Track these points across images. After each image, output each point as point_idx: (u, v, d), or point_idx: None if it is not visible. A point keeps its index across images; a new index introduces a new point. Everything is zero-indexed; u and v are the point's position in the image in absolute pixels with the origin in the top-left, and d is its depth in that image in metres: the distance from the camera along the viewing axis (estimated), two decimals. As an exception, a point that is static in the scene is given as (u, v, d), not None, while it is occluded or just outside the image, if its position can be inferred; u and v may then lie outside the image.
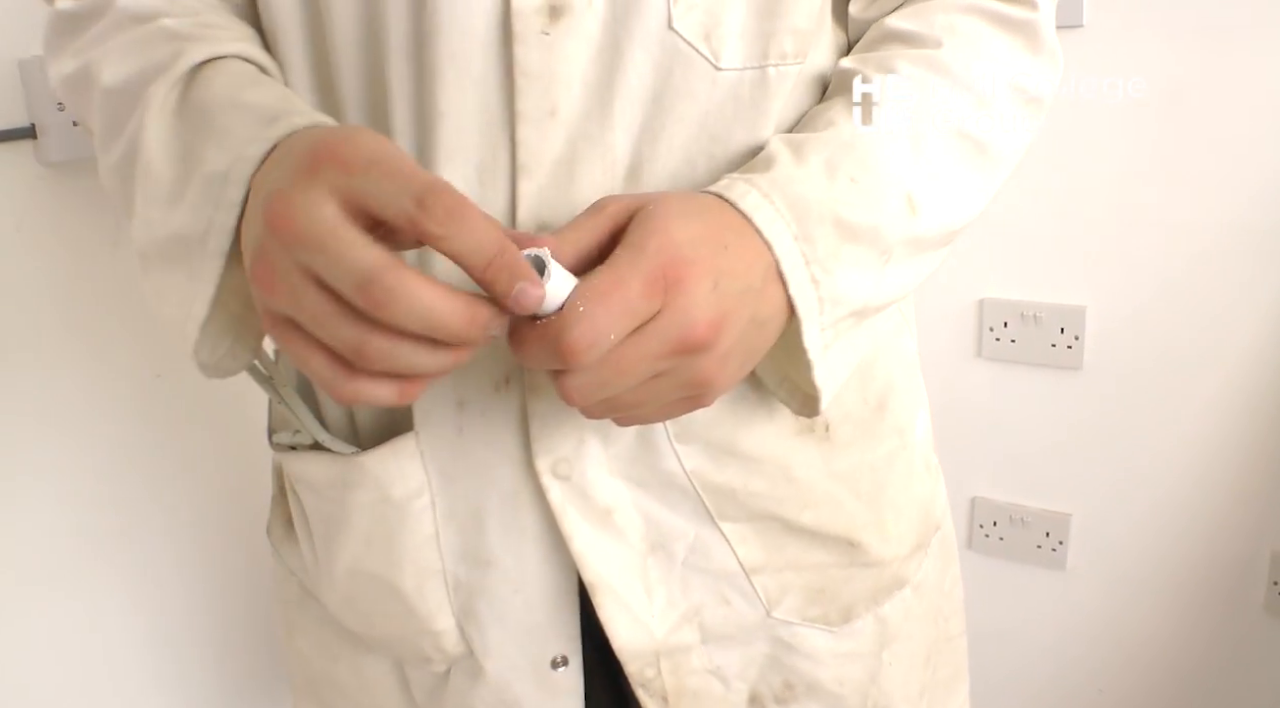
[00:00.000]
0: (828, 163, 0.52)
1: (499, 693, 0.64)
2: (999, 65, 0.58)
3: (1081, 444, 1.31)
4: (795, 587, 0.64)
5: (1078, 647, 1.40)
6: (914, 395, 0.69)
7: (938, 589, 0.73)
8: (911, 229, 0.54)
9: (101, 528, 1.02)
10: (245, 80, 0.52)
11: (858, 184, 0.52)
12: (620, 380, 0.46)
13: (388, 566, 0.61)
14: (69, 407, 0.97)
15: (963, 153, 0.56)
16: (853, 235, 0.52)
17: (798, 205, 0.50)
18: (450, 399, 0.58)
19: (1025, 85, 0.59)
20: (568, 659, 0.63)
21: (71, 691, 1.01)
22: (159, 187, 0.51)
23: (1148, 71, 1.16)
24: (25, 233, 0.91)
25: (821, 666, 0.66)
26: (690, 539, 0.61)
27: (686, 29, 0.52)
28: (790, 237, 0.50)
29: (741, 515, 0.61)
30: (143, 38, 0.55)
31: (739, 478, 0.60)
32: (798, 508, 0.62)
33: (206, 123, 0.50)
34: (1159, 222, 1.20)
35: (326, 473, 0.61)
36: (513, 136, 0.53)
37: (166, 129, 0.52)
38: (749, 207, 0.50)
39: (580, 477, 0.58)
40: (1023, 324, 1.29)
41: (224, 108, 0.50)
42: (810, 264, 0.50)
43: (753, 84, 0.54)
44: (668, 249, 0.46)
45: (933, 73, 0.56)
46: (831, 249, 0.51)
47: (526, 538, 0.60)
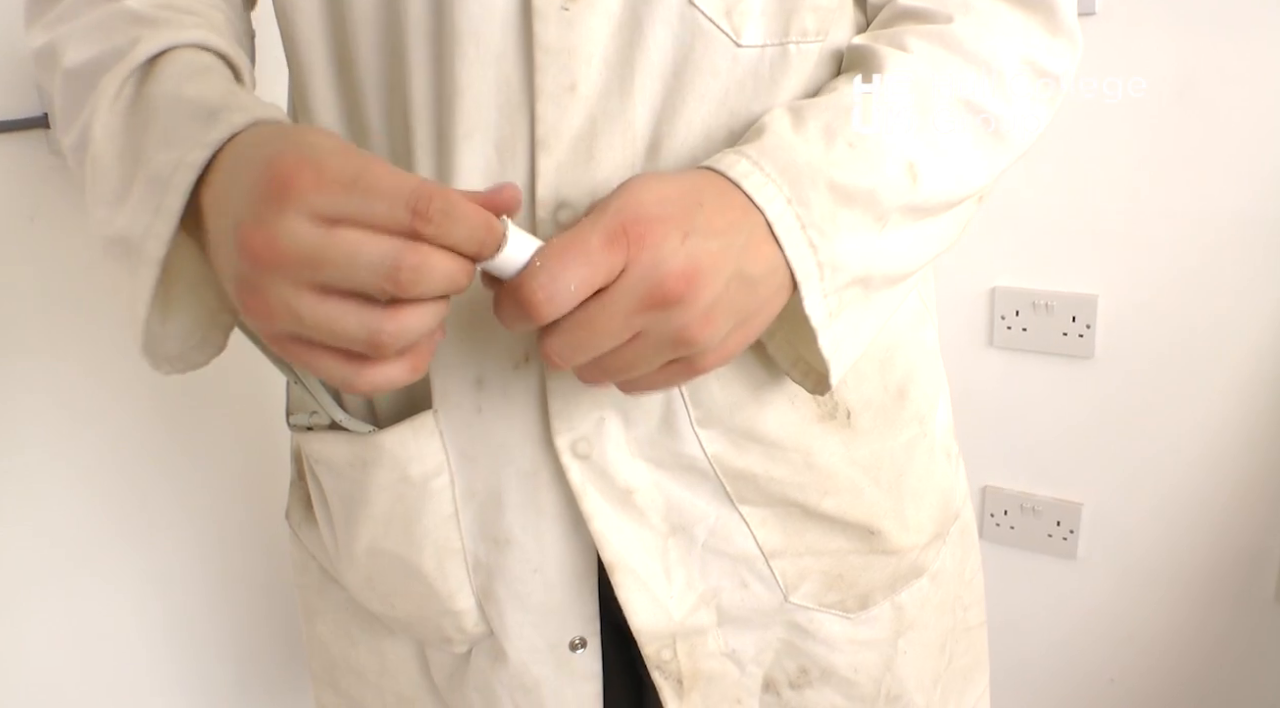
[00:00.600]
0: (826, 128, 0.52)
1: (519, 675, 0.64)
2: (1013, 42, 0.58)
3: (1093, 434, 1.31)
4: (813, 572, 0.64)
5: (1088, 636, 1.40)
6: (935, 385, 0.69)
7: (957, 578, 0.73)
8: (911, 196, 0.54)
9: (117, 516, 1.02)
10: (190, 72, 0.51)
11: (855, 149, 0.52)
12: (597, 340, 0.46)
13: (408, 545, 0.62)
14: (82, 395, 0.97)
15: (970, 126, 0.56)
16: (848, 199, 0.51)
17: (789, 170, 0.50)
18: (469, 378, 0.58)
19: (1040, 62, 0.58)
20: (586, 641, 0.63)
21: (89, 679, 1.02)
22: (106, 184, 0.50)
23: (1160, 60, 1.15)
24: (39, 222, 0.92)
25: (837, 652, 0.66)
26: (710, 522, 0.61)
27: (708, 6, 0.53)
28: (783, 200, 0.49)
29: (762, 500, 0.62)
30: (105, 19, 0.54)
31: (760, 464, 0.60)
32: (818, 495, 0.62)
33: (152, 121, 0.50)
34: (1171, 211, 1.20)
35: (345, 453, 0.61)
36: (532, 112, 0.53)
37: (115, 125, 0.51)
38: (738, 174, 0.49)
39: (600, 456, 0.58)
40: (1034, 313, 1.29)
41: (167, 105, 0.50)
42: (807, 227, 0.49)
43: (773, 61, 0.55)
44: (630, 207, 0.46)
45: (942, 46, 0.56)
46: (828, 213, 0.50)
47: (545, 518, 0.60)
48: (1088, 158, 1.22)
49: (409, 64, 0.54)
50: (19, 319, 0.91)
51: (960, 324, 1.34)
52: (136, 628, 1.06)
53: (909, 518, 0.66)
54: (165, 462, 1.06)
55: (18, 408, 0.93)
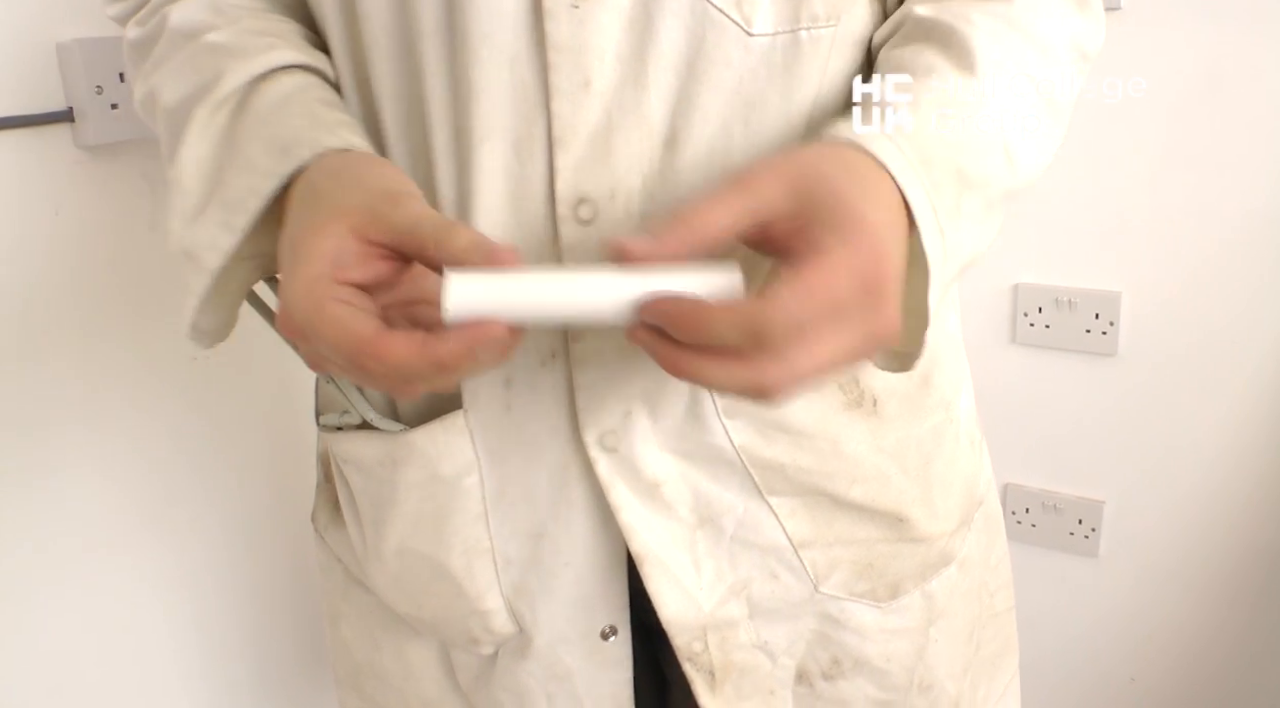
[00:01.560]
0: (939, 109, 0.51)
1: (550, 666, 0.64)
2: (1060, 22, 0.58)
3: (1115, 431, 1.30)
4: (843, 562, 0.64)
5: (1109, 634, 1.39)
6: (958, 372, 0.69)
7: (983, 565, 0.73)
8: (1011, 180, 0.54)
9: (144, 513, 1.03)
10: (275, 102, 0.55)
11: (968, 131, 0.52)
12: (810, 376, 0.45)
13: (436, 545, 0.62)
14: (106, 388, 0.97)
15: (1038, 106, 0.56)
16: (969, 185, 0.51)
17: (924, 152, 0.49)
18: (498, 377, 0.58)
19: (1081, 42, 0.59)
20: (616, 630, 0.64)
21: (111, 675, 1.02)
22: (185, 203, 0.55)
23: (1185, 56, 1.14)
24: (63, 216, 0.92)
25: (869, 641, 0.66)
26: (739, 513, 0.61)
27: None
28: (922, 187, 0.48)
29: (790, 490, 0.62)
30: (192, 56, 0.58)
31: (788, 453, 0.60)
32: (846, 483, 0.62)
33: (236, 151, 0.54)
34: (1195, 208, 1.19)
35: (375, 452, 0.62)
36: (548, 111, 0.53)
37: (203, 152, 0.55)
38: (881, 152, 0.48)
39: (628, 449, 0.58)
40: (1057, 310, 1.28)
41: (249, 136, 0.54)
42: (938, 214, 0.49)
43: (785, 49, 0.54)
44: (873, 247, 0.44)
45: (1009, 27, 0.55)
46: (954, 199, 0.50)
47: (575, 511, 0.60)
48: (1111, 154, 1.21)
49: (424, 70, 0.54)
50: (42, 312, 0.91)
51: (983, 321, 1.33)
52: (161, 623, 1.06)
53: (937, 505, 0.66)
54: (192, 460, 1.06)
55: (46, 401, 0.93)
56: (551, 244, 0.55)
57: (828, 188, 0.45)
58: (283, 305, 0.48)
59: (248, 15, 0.60)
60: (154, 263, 0.98)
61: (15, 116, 0.87)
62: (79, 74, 0.89)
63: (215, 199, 0.53)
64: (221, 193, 0.53)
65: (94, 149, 0.92)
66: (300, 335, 0.47)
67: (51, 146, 0.90)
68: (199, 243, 0.53)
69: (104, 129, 0.91)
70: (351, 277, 0.47)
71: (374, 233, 0.47)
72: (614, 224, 0.54)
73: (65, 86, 0.90)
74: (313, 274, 0.46)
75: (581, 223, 0.54)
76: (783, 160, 0.47)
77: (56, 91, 0.90)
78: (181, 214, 0.54)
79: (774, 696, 0.66)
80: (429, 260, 0.46)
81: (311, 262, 0.47)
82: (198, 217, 0.54)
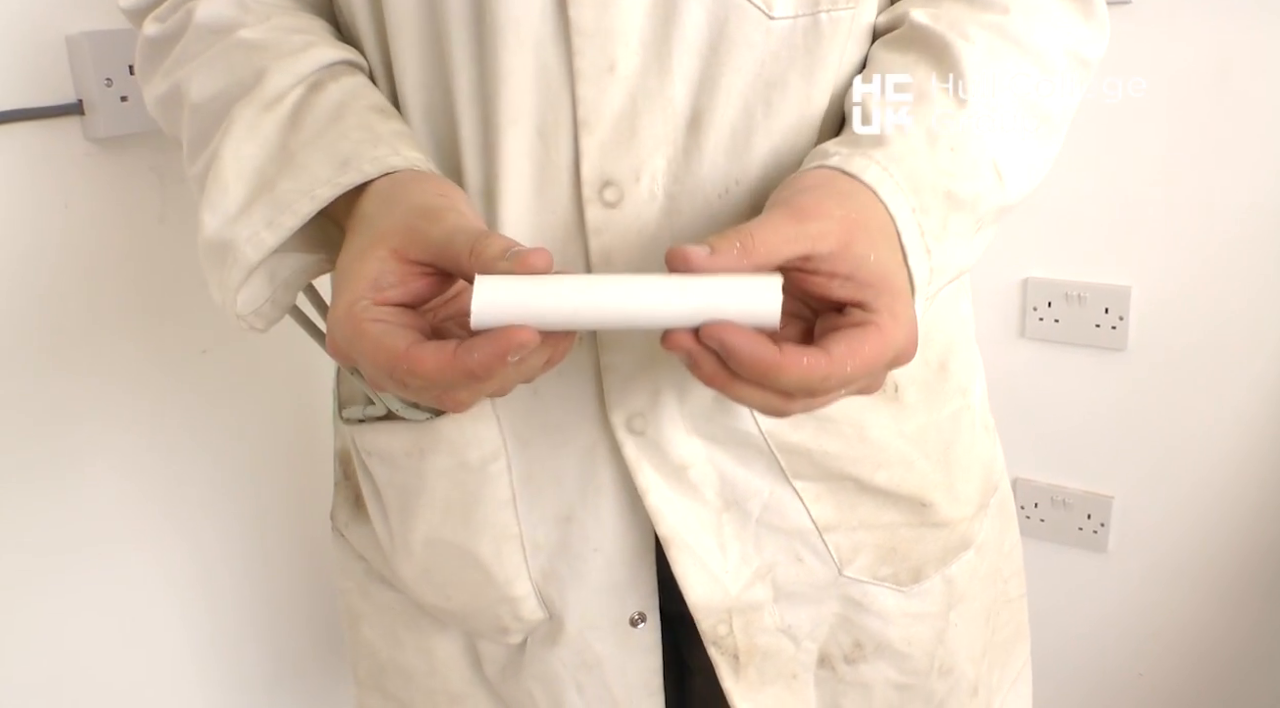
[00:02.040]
0: (928, 133, 0.53)
1: (580, 653, 0.65)
2: (1059, 33, 0.59)
3: (1125, 426, 1.30)
4: (867, 546, 0.65)
5: (1118, 630, 1.39)
6: (972, 358, 0.71)
7: (997, 550, 0.74)
8: (1000, 198, 0.56)
9: (153, 505, 1.02)
10: (329, 112, 0.56)
11: (956, 154, 0.53)
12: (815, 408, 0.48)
13: (466, 533, 0.62)
14: (116, 382, 0.97)
15: (1031, 121, 0.57)
16: (958, 206, 0.53)
17: (913, 177, 0.52)
18: None
19: (1080, 51, 0.60)
20: (645, 616, 0.64)
21: (125, 673, 1.02)
22: (225, 198, 0.55)
23: (1194, 50, 1.14)
24: (73, 209, 0.91)
25: (891, 625, 0.67)
26: (765, 497, 0.62)
27: None
28: (909, 210, 0.51)
29: (816, 475, 0.62)
30: (224, 53, 0.58)
31: (814, 438, 0.61)
32: (871, 468, 0.63)
33: (290, 158, 0.55)
34: (1205, 202, 1.19)
35: (402, 442, 0.62)
36: (573, 94, 0.54)
37: (249, 151, 0.55)
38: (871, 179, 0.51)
39: (655, 432, 0.59)
40: (1067, 304, 1.28)
41: (305, 145, 0.55)
42: (925, 235, 0.51)
43: (805, 31, 0.55)
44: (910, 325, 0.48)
45: (1003, 40, 0.57)
46: (941, 219, 0.52)
47: (604, 495, 0.61)
48: (1121, 149, 1.21)
49: (451, 58, 0.55)
50: (53, 305, 0.91)
51: (992, 315, 1.33)
52: (176, 619, 1.06)
53: (958, 490, 0.67)
54: (205, 455, 1.06)
55: (57, 395, 0.93)
56: (578, 227, 0.56)
57: (877, 252, 0.48)
58: (328, 330, 0.49)
59: (276, 12, 0.61)
60: (163, 256, 0.98)
61: (25, 109, 0.87)
62: (88, 66, 0.89)
63: (262, 199, 0.54)
64: (270, 194, 0.54)
65: (103, 142, 0.92)
66: (344, 357, 0.49)
67: (61, 139, 0.90)
68: (239, 237, 0.54)
69: (114, 122, 0.91)
70: (390, 297, 0.48)
71: (414, 252, 0.48)
72: (639, 206, 0.55)
73: (75, 79, 0.90)
74: (353, 298, 0.47)
75: (607, 205, 0.55)
76: (835, 204, 0.49)
77: (66, 84, 0.90)
78: (221, 210, 0.55)
79: (796, 679, 0.67)
80: (465, 272, 0.46)
81: (353, 286, 0.48)
82: (238, 218, 0.54)
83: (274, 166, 0.55)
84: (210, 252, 0.56)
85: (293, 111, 0.56)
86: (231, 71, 0.57)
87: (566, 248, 0.56)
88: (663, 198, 0.56)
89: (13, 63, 0.86)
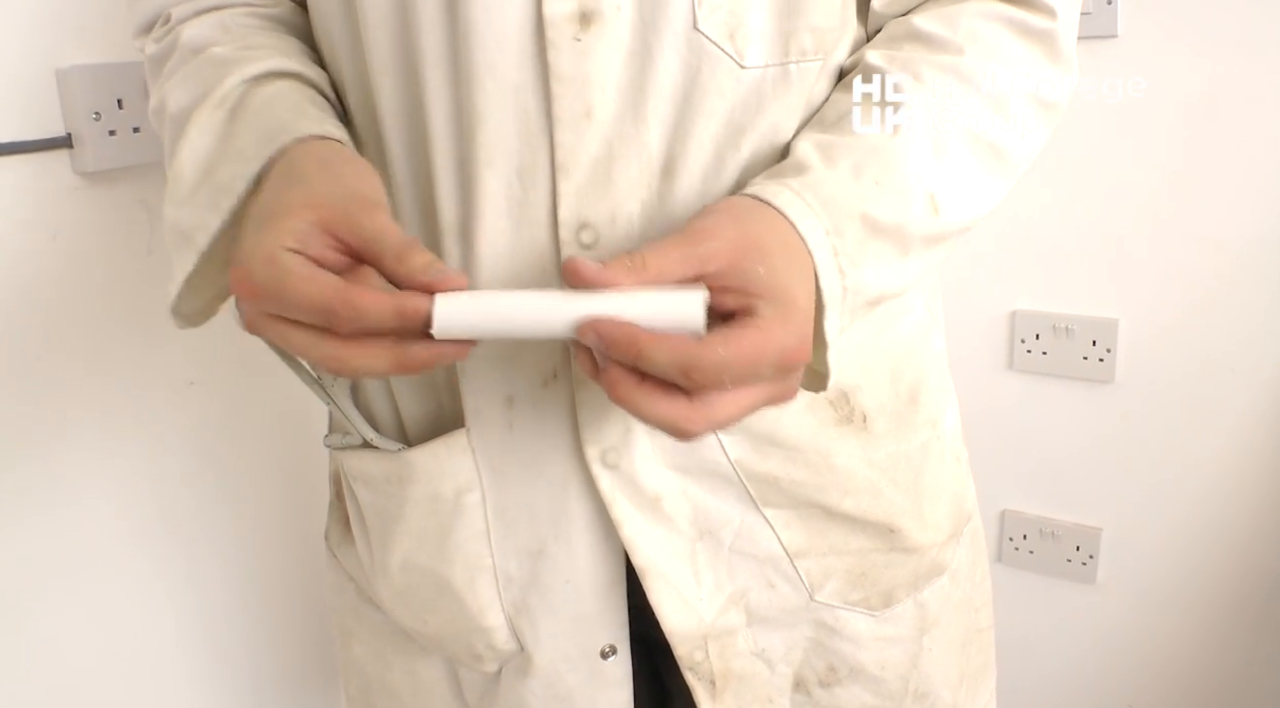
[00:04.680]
0: (855, 166, 0.55)
1: (551, 686, 0.65)
2: (1017, 73, 0.60)
3: (1113, 458, 1.30)
4: (837, 571, 0.66)
5: (1107, 661, 1.39)
6: (943, 390, 0.72)
7: (970, 580, 0.75)
8: (932, 227, 0.57)
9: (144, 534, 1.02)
10: (266, 99, 0.58)
11: (882, 186, 0.55)
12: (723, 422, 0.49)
13: (440, 561, 0.64)
14: (103, 412, 0.97)
15: (981, 156, 0.59)
16: (878, 231, 0.54)
17: (829, 203, 0.53)
18: (500, 396, 0.60)
19: (1042, 93, 0.61)
20: (616, 649, 0.65)
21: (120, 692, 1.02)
22: (180, 189, 0.57)
23: (1182, 82, 1.15)
24: (60, 241, 0.92)
25: (864, 649, 0.68)
26: (736, 525, 0.64)
27: (711, 30, 0.55)
28: (822, 230, 0.52)
29: (784, 502, 0.64)
30: (198, 68, 0.61)
31: (781, 467, 0.63)
32: (839, 495, 0.64)
33: (229, 143, 0.57)
34: (1193, 234, 1.19)
35: (382, 468, 0.64)
36: (551, 139, 0.55)
37: (200, 145, 0.57)
38: (782, 203, 0.52)
39: (628, 465, 0.60)
40: (1055, 336, 1.28)
41: (243, 130, 0.57)
42: (839, 255, 0.53)
43: (775, 80, 0.57)
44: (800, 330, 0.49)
45: (956, 80, 0.59)
46: (858, 242, 0.54)
47: (576, 528, 0.62)
48: (1109, 181, 1.21)
49: (427, 98, 0.56)
50: (40, 336, 0.91)
51: (980, 347, 1.33)
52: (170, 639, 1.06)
53: (927, 516, 0.68)
54: (195, 483, 1.06)
55: (46, 425, 0.93)
56: (554, 266, 0.57)
57: (769, 265, 0.49)
58: (242, 264, 0.49)
59: (253, 32, 0.63)
60: (151, 288, 0.98)
61: (14, 142, 0.87)
62: (78, 100, 0.89)
63: (206, 184, 0.56)
64: (212, 179, 0.56)
65: (92, 175, 0.92)
66: (257, 293, 0.49)
67: (50, 172, 0.90)
68: (189, 223, 0.56)
69: (102, 155, 0.91)
70: (312, 256, 0.49)
71: (342, 231, 0.49)
72: (614, 247, 0.56)
73: (64, 112, 0.90)
74: (278, 243, 0.48)
75: (584, 247, 0.56)
76: (731, 224, 0.51)
77: (55, 117, 0.90)
78: (174, 199, 0.57)
79: (773, 703, 0.67)
80: (385, 270, 0.49)
81: (279, 234, 0.49)
82: (189, 201, 0.56)
83: (218, 154, 0.57)
84: (170, 240, 0.58)
85: (235, 104, 0.58)
86: (201, 83, 0.60)
87: (541, 285, 0.58)
88: (638, 239, 0.57)
89: (2, 95, 0.87)
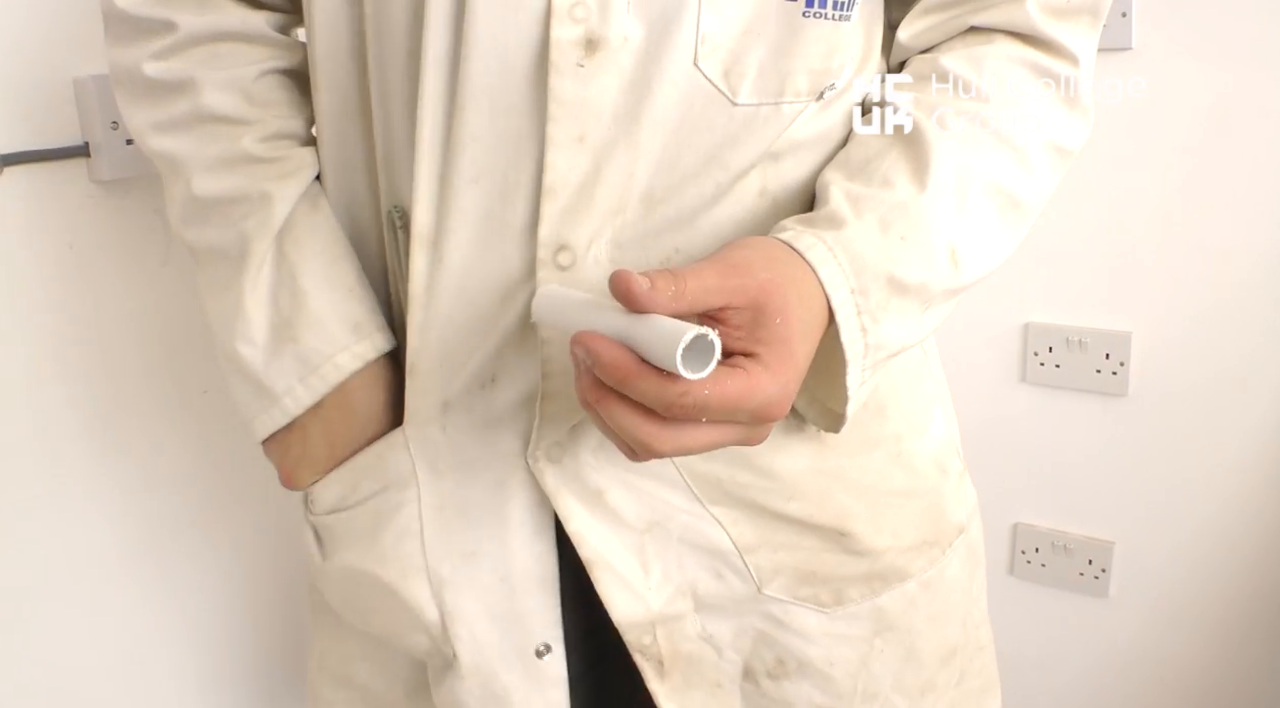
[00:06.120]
0: (881, 220, 0.56)
1: (486, 684, 0.65)
2: (1039, 122, 0.62)
3: (1126, 472, 1.30)
4: (787, 567, 0.66)
5: (1119, 675, 1.38)
6: (922, 400, 0.71)
7: (963, 593, 0.74)
8: (953, 281, 0.58)
9: (148, 540, 1.02)
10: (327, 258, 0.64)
11: (907, 242, 0.56)
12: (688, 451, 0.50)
13: (376, 561, 0.64)
14: (118, 420, 0.97)
15: (1000, 207, 0.60)
16: (902, 291, 0.56)
17: (857, 260, 0.55)
18: (437, 400, 0.62)
19: (1060, 140, 0.62)
20: (550, 647, 0.65)
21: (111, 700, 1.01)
22: (250, 328, 0.63)
23: (1195, 95, 1.15)
24: (77, 250, 0.92)
25: (813, 644, 0.68)
26: (684, 519, 0.64)
27: (709, 67, 0.56)
28: (848, 290, 0.54)
29: (730, 502, 0.64)
30: (228, 159, 0.64)
31: (724, 470, 0.63)
32: (783, 500, 0.65)
33: (300, 299, 0.63)
34: (1205, 247, 1.19)
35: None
36: (540, 160, 0.56)
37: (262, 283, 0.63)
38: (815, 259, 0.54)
39: (572, 460, 0.61)
40: (1067, 349, 1.28)
41: (316, 286, 0.63)
42: (862, 314, 0.55)
43: (766, 117, 0.58)
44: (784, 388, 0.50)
45: (980, 128, 0.60)
46: (882, 302, 0.55)
47: (511, 526, 0.63)
48: (1122, 194, 1.21)
49: (421, 109, 0.57)
50: (56, 345, 0.92)
51: (993, 360, 1.33)
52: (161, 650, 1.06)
53: (884, 522, 0.68)
54: (203, 490, 1.06)
55: (58, 432, 0.93)
56: (524, 282, 0.58)
57: (784, 318, 0.50)
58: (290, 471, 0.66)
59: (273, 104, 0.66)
60: (166, 297, 0.98)
61: (31, 151, 0.88)
62: (95, 109, 0.90)
63: (289, 350, 0.63)
64: (294, 345, 0.63)
65: (108, 184, 0.92)
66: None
67: (66, 181, 0.91)
68: (276, 386, 0.64)
69: (118, 164, 0.91)
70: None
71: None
72: (586, 269, 0.57)
73: (81, 121, 0.91)
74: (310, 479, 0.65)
75: (560, 268, 0.57)
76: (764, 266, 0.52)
77: (73, 126, 0.91)
78: (245, 338, 0.64)
79: (721, 688, 0.68)
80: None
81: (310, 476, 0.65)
82: (270, 355, 0.63)
83: (286, 297, 0.63)
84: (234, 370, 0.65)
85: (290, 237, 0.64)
86: (236, 185, 0.64)
87: (506, 301, 0.59)
88: (606, 263, 0.58)
89: (20, 105, 0.87)
